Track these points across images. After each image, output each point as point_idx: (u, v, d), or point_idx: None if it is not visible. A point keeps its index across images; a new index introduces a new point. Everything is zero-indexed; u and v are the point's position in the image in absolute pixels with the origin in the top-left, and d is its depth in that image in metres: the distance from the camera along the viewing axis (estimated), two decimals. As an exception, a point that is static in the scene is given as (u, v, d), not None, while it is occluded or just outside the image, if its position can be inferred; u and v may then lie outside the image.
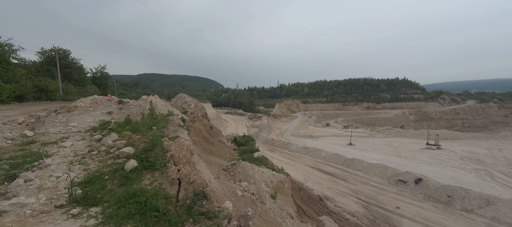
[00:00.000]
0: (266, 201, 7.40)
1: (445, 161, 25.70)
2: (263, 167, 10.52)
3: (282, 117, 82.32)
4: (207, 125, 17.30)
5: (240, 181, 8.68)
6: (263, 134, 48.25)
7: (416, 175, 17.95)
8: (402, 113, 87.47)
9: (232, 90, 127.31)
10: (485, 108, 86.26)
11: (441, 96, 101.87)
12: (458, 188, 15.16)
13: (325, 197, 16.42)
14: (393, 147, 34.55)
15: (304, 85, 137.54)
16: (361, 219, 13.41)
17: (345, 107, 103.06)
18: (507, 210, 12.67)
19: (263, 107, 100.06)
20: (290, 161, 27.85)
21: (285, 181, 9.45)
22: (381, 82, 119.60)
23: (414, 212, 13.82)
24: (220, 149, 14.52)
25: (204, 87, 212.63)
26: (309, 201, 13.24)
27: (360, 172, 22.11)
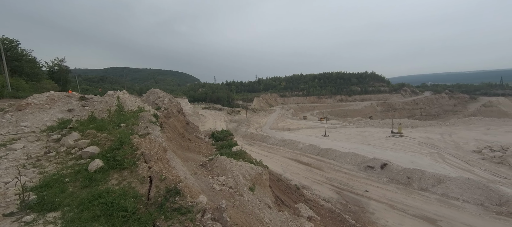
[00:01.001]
0: (244, 194, 7.48)
1: (406, 147, 28.56)
2: (242, 161, 10.57)
3: (260, 111, 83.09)
4: (183, 121, 16.74)
5: (218, 175, 8.63)
6: (242, 129, 48.30)
7: (382, 161, 19.69)
8: (371, 104, 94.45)
9: (210, 85, 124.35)
10: (438, 99, 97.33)
11: (403, 88, 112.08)
12: (416, 170, 17.04)
13: (302, 186, 17.18)
14: (363, 136, 37.25)
15: (281, 79, 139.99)
16: (335, 204, 14.36)
17: (320, 100, 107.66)
18: (454, 186, 14.64)
19: (241, 101, 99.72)
20: (269, 154, 28.41)
21: (263, 173, 9.64)
22: (352, 76, 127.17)
23: (380, 194, 15.20)
24: (197, 145, 14.20)
25: (179, 82, 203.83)
26: (287, 191, 13.72)
27: (333, 160, 23.51)
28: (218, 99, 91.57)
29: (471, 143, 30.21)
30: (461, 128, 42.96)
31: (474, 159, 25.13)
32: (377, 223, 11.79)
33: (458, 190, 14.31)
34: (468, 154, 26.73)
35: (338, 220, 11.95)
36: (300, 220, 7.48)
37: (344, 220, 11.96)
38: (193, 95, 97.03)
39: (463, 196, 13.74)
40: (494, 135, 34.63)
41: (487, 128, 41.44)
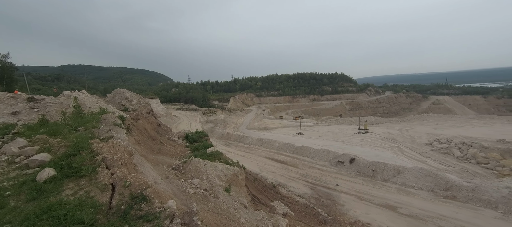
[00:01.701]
0: (219, 195, 7.34)
1: (371, 142, 31.12)
2: (217, 162, 10.37)
3: (237, 111, 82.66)
4: (154, 122, 15.79)
5: (192, 178, 8.32)
6: (219, 129, 47.49)
7: (351, 156, 21.15)
8: (340, 103, 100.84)
9: (184, 85, 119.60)
10: (397, 98, 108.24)
11: (368, 88, 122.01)
12: (380, 163, 18.69)
13: (278, 184, 17.55)
14: (334, 133, 39.54)
15: (257, 79, 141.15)
16: (309, 199, 14.97)
17: (294, 99, 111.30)
18: (411, 176, 16.41)
19: (217, 101, 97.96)
20: (246, 154, 28.40)
21: (239, 174, 9.59)
22: (324, 76, 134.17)
23: (349, 187, 16.30)
24: (169, 147, 13.52)
25: (150, 82, 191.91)
26: (263, 190, 13.86)
27: (308, 157, 24.50)
28: (192, 100, 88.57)
29: (423, 137, 34.17)
30: (415, 124, 48.36)
31: (426, 151, 28.47)
32: (346, 214, 12.60)
33: (413, 179, 16.06)
34: (421, 146, 30.20)
35: (312, 214, 12.47)
36: (275, 217, 7.61)
37: (317, 213, 12.52)
38: (166, 95, 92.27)
39: (417, 184, 15.47)
40: (441, 129, 39.70)
41: (436, 123, 47.35)
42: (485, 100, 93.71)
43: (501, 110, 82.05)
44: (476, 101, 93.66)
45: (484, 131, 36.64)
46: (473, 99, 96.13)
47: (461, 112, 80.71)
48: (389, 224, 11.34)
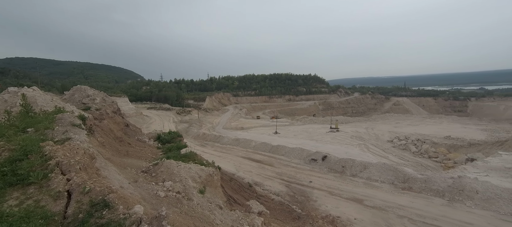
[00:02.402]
0: (193, 197, 7.11)
1: (342, 140, 33.20)
2: (191, 163, 10.04)
3: (213, 110, 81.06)
4: (121, 123, 14.64)
5: (164, 181, 7.92)
6: (194, 129, 46.01)
7: (323, 154, 22.29)
8: (314, 103, 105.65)
9: (156, 83, 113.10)
10: (364, 99, 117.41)
11: (338, 90, 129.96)
12: (348, 159, 20.06)
13: (255, 183, 17.67)
14: (308, 132, 41.21)
15: (234, 79, 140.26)
16: (284, 197, 15.37)
17: (271, 99, 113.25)
18: (375, 171, 17.94)
19: (193, 101, 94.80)
20: (222, 154, 28.00)
21: (215, 174, 9.41)
22: (299, 77, 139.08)
23: (321, 183, 17.16)
24: (139, 149, 12.67)
25: (118, 79, 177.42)
26: (239, 190, 13.83)
27: (283, 156, 25.14)
28: (166, 98, 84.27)
29: (386, 135, 37.59)
30: (379, 123, 52.94)
31: (388, 147, 31.38)
32: (319, 209, 13.24)
33: (377, 173, 17.56)
34: (384, 143, 33.18)
35: (287, 211, 12.82)
36: (251, 216, 7.65)
37: (292, 210, 12.92)
38: (136, 93, 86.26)
39: (381, 178, 16.97)
40: (400, 128, 44.13)
41: (396, 122, 52.46)
42: (435, 102, 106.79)
43: (447, 111, 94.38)
44: (428, 103, 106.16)
45: (434, 129, 41.72)
46: (426, 100, 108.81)
47: (417, 112, 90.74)
48: (356, 216, 12.22)
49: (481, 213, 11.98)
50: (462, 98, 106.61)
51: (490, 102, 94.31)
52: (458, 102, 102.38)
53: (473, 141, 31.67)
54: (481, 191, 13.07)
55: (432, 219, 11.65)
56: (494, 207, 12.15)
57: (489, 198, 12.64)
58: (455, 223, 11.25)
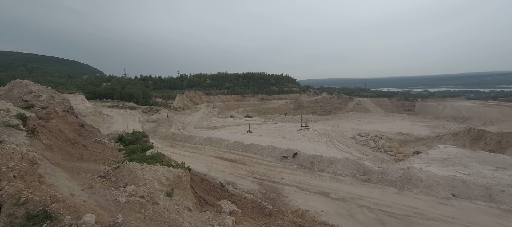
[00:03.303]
0: (159, 201, 6.69)
1: (311, 137, 34.97)
2: (158, 165, 9.44)
3: (184, 109, 77.65)
4: (75, 123, 13.01)
5: (126, 185, 7.29)
6: (162, 129, 43.40)
7: (293, 151, 23.17)
8: (286, 103, 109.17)
9: (118, 79, 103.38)
10: (331, 98, 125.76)
11: (308, 90, 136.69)
12: (317, 156, 21.24)
13: (227, 182, 17.46)
14: (280, 130, 42.38)
15: (206, 77, 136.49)
16: (256, 194, 15.53)
17: (244, 98, 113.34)
18: (340, 165, 19.36)
19: (161, 99, 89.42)
20: (193, 154, 27.01)
21: (183, 176, 9.01)
22: (271, 77, 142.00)
23: (292, 179, 17.83)
24: (97, 152, 11.42)
25: (71, 73, 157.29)
26: (211, 190, 13.50)
27: (256, 154, 25.38)
28: (130, 96, 77.71)
29: (349, 132, 40.82)
30: (344, 121, 57.26)
31: (351, 143, 34.13)
32: (289, 204, 13.72)
33: (342, 167, 18.97)
34: (347, 140, 36.00)
35: (259, 208, 12.98)
36: (222, 216, 7.53)
37: (263, 207, 13.13)
38: (94, 90, 77.65)
39: (344, 172, 18.38)
40: (362, 125, 48.41)
41: (358, 120, 57.38)
42: (390, 102, 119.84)
43: (399, 109, 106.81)
44: (384, 102, 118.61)
45: (389, 126, 46.83)
46: (383, 100, 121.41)
47: (375, 111, 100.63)
48: (323, 208, 13.01)
49: (424, 198, 13.88)
50: (411, 98, 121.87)
51: (432, 103, 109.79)
52: (408, 102, 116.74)
53: (419, 136, 36.47)
54: (425, 179, 15.14)
55: (386, 207, 13.06)
56: (434, 192, 14.18)
57: (431, 185, 14.71)
58: (404, 208, 12.82)
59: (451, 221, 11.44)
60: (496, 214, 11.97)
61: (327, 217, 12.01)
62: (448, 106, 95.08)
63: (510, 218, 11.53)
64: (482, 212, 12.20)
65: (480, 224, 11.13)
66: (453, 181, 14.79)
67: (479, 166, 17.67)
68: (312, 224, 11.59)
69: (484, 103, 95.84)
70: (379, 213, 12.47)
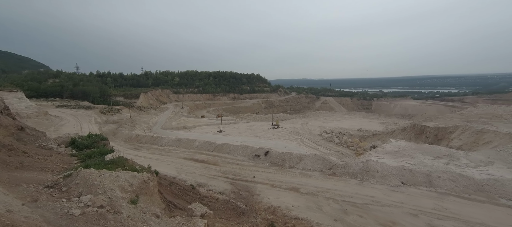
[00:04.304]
0: (122, 210, 6.12)
1: (282, 135, 36.12)
2: (120, 170, 8.64)
3: (150, 109, 72.43)
4: (11, 125, 11.04)
5: (80, 195, 6.50)
6: (124, 131, 39.76)
7: (265, 149, 23.62)
8: (257, 102, 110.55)
9: (69, 75, 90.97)
10: (300, 98, 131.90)
11: (279, 89, 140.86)
12: (287, 153, 22.06)
13: (198, 184, 16.90)
14: (252, 129, 42.72)
15: (175, 74, 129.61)
16: (229, 194, 15.39)
17: (215, 97, 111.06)
18: (308, 161, 20.46)
19: (123, 98, 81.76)
20: (161, 157, 25.40)
21: (150, 180, 8.41)
22: (243, 76, 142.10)
23: (264, 177, 18.16)
24: (42, 159, 9.89)
25: (6, 67, 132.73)
26: (181, 194, 12.90)
27: (228, 154, 25.11)
28: (84, 95, 69.19)
29: (316, 129, 43.38)
30: (311, 119, 60.57)
31: (318, 140, 36.32)
32: (262, 202, 13.96)
33: (310, 163, 20.06)
34: (315, 137, 38.22)
35: (231, 208, 12.89)
36: (193, 220, 7.26)
37: (236, 207, 13.08)
38: (37, 87, 67.02)
39: (313, 167, 19.48)
40: (327, 123, 51.90)
41: (324, 118, 61.36)
42: (351, 101, 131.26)
43: (359, 108, 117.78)
44: (346, 102, 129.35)
45: (350, 123, 51.20)
46: (345, 100, 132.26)
47: (339, 110, 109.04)
48: (293, 203, 13.58)
49: (380, 187, 15.60)
50: (368, 98, 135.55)
51: (385, 102, 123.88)
52: (366, 101, 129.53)
53: (375, 132, 40.77)
54: (380, 171, 17.01)
55: (349, 197, 14.29)
56: (387, 182, 16.05)
57: (385, 175, 16.60)
58: (364, 197, 14.21)
59: (400, 206, 13.09)
60: (434, 196, 14.13)
61: (297, 212, 12.58)
62: (398, 105, 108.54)
63: (444, 199, 13.73)
64: (424, 196, 14.27)
65: (422, 206, 12.99)
66: (402, 170, 16.94)
67: (422, 156, 20.60)
68: (284, 219, 12.01)
69: (424, 102, 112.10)
70: (343, 203, 13.57)
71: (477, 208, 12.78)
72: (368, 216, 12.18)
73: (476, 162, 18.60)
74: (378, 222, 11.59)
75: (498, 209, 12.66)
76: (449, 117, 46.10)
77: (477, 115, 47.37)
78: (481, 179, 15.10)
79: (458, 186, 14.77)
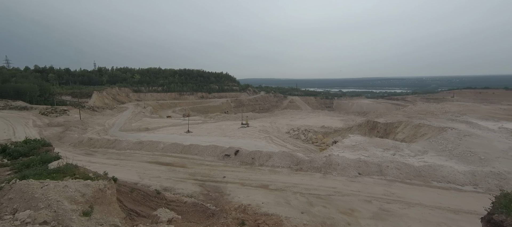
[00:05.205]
0: (72, 224, 5.40)
1: (251, 134, 36.50)
2: (68, 179, 7.59)
3: (105, 109, 65.00)
4: None
5: (16, 212, 5.52)
6: (73, 134, 34.88)
7: (235, 148, 23.54)
8: (226, 101, 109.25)
9: (-4, 69, 75.42)
10: (268, 97, 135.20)
11: (248, 88, 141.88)
12: (257, 151, 22.42)
13: (164, 188, 15.91)
14: (221, 129, 42.09)
15: (134, 72, 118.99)
16: (198, 197, 14.88)
17: (182, 96, 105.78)
18: (277, 158, 21.17)
19: (70, 97, 71.63)
20: (120, 161, 23.07)
21: (107, 188, 7.59)
22: (211, 74, 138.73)
23: (234, 176, 18.11)
24: (-42, 172, 7.98)
25: None
26: (144, 200, 11.97)
27: (196, 155, 24.22)
28: (18, 93, 58.22)
29: (284, 127, 45.14)
30: (279, 118, 62.73)
31: (286, 137, 37.83)
32: (232, 202, 13.90)
33: (279, 160, 20.78)
34: (283, 134, 39.71)
35: (201, 210, 12.53)
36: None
37: (206, 209, 12.76)
38: None
39: (281, 164, 20.24)
40: (294, 121, 54.46)
41: (291, 117, 64.19)
42: (315, 100, 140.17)
43: (322, 107, 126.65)
44: (311, 101, 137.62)
45: (315, 120, 54.75)
46: (310, 99, 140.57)
47: (304, 108, 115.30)
48: (263, 200, 13.89)
49: (340, 179, 17.12)
50: (330, 97, 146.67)
51: (344, 101, 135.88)
52: (328, 100, 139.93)
53: (337, 128, 44.46)
54: (340, 163, 18.66)
55: (314, 190, 15.30)
56: (346, 173, 17.71)
57: (345, 167, 18.28)
58: (327, 189, 15.40)
59: (357, 194, 14.60)
60: (384, 184, 16.16)
61: (267, 208, 12.91)
62: (355, 104, 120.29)
63: (392, 185, 15.82)
64: (377, 184, 16.20)
65: (375, 193, 14.74)
66: (358, 162, 18.89)
67: (374, 149, 23.31)
68: (254, 216, 12.19)
69: (376, 101, 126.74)
70: (309, 196, 14.46)
71: (416, 191, 15.10)
72: (330, 206, 13.25)
73: (415, 152, 21.89)
74: (339, 211, 12.71)
75: (431, 190, 15.18)
76: (395, 114, 53.23)
77: (416, 111, 55.79)
78: (419, 166, 17.86)
79: (402, 173, 17.17)
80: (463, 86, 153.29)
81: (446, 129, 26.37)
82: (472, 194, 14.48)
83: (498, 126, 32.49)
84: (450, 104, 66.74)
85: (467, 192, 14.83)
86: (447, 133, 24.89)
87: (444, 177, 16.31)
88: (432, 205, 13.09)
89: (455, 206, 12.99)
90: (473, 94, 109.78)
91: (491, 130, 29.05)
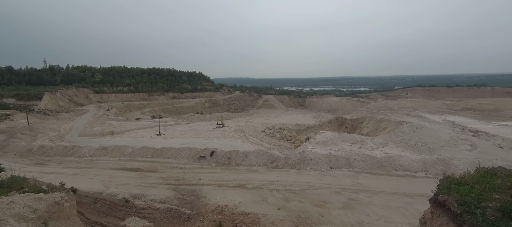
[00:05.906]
0: (21, 245, 4.70)
1: (227, 134, 36.11)
2: (15, 194, 6.61)
3: (60, 112, 57.80)
4: None
5: None
6: (20, 142, 30.31)
7: (211, 149, 23.04)
8: (200, 101, 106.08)
9: None
10: (243, 96, 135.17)
11: (222, 88, 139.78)
12: (233, 151, 22.29)
13: (134, 196, 14.83)
14: (195, 130, 40.78)
15: (95, 70, 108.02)
16: (172, 202, 14.21)
17: (151, 97, 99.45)
18: (254, 157, 21.35)
19: (14, 99, 61.95)
20: (79, 170, 20.77)
21: (65, 200, 6.79)
22: (183, 74, 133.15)
23: (210, 178, 17.74)
24: None
25: None
26: (110, 210, 11.01)
27: (169, 159, 23.06)
28: None
29: (260, 126, 45.67)
30: (255, 117, 63.26)
31: (262, 136, 38.33)
32: (208, 204, 13.60)
33: (255, 159, 20.98)
34: (259, 133, 40.16)
35: (175, 216, 12.02)
36: (129, 238, 6.35)
37: (181, 213, 12.28)
38: None
39: (258, 162, 20.46)
40: (269, 120, 55.45)
41: (267, 115, 65.23)
42: (289, 99, 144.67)
43: (295, 105, 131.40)
44: (285, 99, 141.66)
45: (289, 119, 56.52)
46: (284, 98, 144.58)
47: (279, 107, 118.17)
48: (240, 200, 13.89)
49: (313, 173, 18.02)
50: (302, 96, 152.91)
51: (316, 99, 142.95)
52: (300, 99, 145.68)
53: (309, 125, 46.58)
54: (313, 159, 19.63)
55: (289, 186, 15.84)
56: (319, 168, 18.71)
57: (317, 162, 19.28)
58: (301, 184, 16.08)
59: (329, 187, 15.55)
60: (352, 175, 17.50)
61: (244, 207, 12.94)
62: (325, 101, 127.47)
63: (359, 176, 17.21)
64: (346, 176, 17.45)
65: (344, 184, 15.87)
66: (329, 157, 20.11)
67: (343, 143, 25.05)
68: (231, 217, 12.12)
69: (343, 98, 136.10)
70: (285, 192, 14.92)
71: (379, 180, 16.67)
72: (305, 200, 13.86)
73: (377, 145, 24.14)
74: (313, 204, 13.37)
75: (392, 178, 16.92)
76: (360, 111, 57.89)
77: (377, 108, 61.42)
78: (381, 157, 19.75)
79: (367, 164, 18.78)
80: (415, 84, 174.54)
81: (402, 123, 29.60)
82: (423, 180, 16.54)
83: (442, 119, 37.77)
84: (405, 101, 75.44)
85: (420, 178, 16.90)
86: (403, 126, 27.94)
87: (401, 166, 18.32)
88: (392, 192, 14.61)
89: (410, 191, 14.70)
90: (423, 91, 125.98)
91: (437, 123, 33.59)
